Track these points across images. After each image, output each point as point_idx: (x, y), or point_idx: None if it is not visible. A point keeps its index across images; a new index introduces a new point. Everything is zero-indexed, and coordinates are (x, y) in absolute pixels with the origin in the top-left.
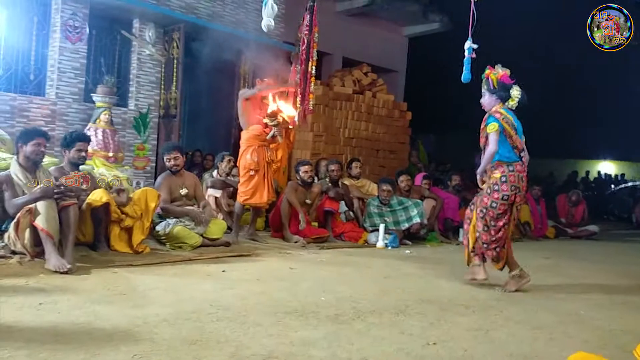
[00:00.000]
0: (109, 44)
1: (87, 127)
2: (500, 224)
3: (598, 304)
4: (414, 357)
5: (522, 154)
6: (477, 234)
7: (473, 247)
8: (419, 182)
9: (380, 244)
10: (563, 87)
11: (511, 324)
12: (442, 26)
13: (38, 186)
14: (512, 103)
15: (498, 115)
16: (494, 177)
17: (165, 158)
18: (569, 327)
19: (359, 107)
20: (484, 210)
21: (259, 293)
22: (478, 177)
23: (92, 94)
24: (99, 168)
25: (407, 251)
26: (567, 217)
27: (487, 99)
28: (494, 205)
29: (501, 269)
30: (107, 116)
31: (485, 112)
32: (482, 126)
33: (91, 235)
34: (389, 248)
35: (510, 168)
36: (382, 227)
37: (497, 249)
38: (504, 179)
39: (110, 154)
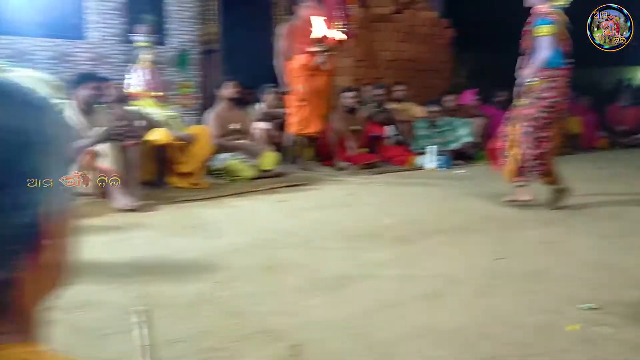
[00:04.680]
0: None
1: (131, 68)
2: (549, 134)
3: None
4: (485, 271)
5: (568, 60)
6: (524, 151)
7: (516, 167)
8: (468, 100)
9: (431, 165)
10: None
11: (578, 234)
12: None
13: (99, 128)
14: (562, 2)
15: (554, 17)
16: (537, 84)
17: (226, 88)
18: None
19: (399, 27)
20: (532, 122)
21: (321, 220)
22: (518, 87)
23: (131, 34)
24: (149, 108)
25: (459, 171)
26: (620, 124)
27: None
28: (541, 114)
29: (550, 184)
30: (150, 55)
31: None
32: (526, 28)
33: (153, 174)
34: (440, 169)
35: (557, 73)
36: (432, 148)
37: (548, 163)
38: (549, 85)
39: (159, 94)
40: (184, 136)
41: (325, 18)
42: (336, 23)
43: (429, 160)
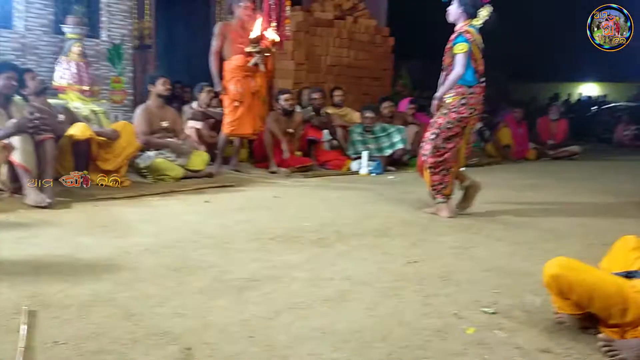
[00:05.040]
0: None
1: (59, 60)
2: (450, 146)
3: (579, 220)
4: (395, 275)
5: (481, 79)
6: (424, 157)
7: (432, 185)
8: (404, 108)
9: (363, 170)
10: (545, 9)
11: (491, 241)
12: None
13: (11, 120)
14: (477, 23)
15: (469, 36)
16: (452, 99)
17: (156, 84)
18: (548, 243)
19: (340, 33)
20: (437, 132)
21: (242, 221)
22: (435, 101)
23: (61, 25)
24: (74, 102)
25: (391, 177)
26: (549, 137)
27: (453, 10)
28: (449, 126)
29: (448, 196)
30: (79, 48)
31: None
32: (448, 45)
33: (72, 170)
34: (373, 175)
35: (470, 91)
36: (365, 154)
37: (444, 172)
38: (463, 101)
39: (86, 88)
40: (106, 132)
41: (262, 19)
42: (272, 24)
43: (362, 165)
